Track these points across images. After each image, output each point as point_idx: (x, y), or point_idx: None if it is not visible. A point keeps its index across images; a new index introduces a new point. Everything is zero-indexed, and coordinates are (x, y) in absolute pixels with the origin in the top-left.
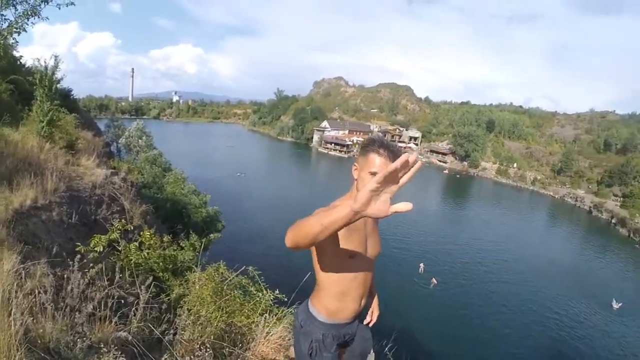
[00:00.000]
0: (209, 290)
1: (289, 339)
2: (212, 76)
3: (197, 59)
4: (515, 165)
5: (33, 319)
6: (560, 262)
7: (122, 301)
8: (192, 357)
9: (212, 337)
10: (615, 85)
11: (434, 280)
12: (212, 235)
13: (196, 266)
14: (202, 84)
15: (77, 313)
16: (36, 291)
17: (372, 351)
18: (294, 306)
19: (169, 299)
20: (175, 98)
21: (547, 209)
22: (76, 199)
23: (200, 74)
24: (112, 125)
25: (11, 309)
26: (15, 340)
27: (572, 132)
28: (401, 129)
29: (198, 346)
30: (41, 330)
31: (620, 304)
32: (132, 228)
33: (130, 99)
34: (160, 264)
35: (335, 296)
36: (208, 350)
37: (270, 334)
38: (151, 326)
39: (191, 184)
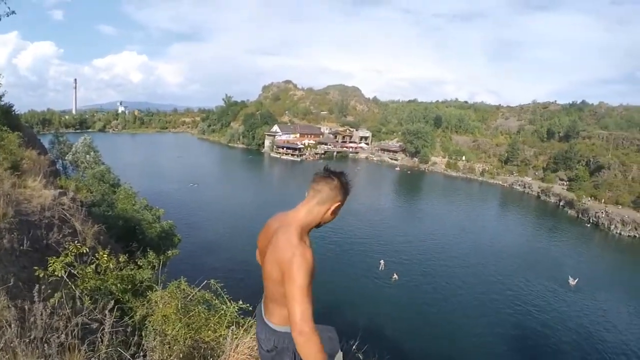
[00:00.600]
0: (172, 308)
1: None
2: (158, 84)
3: (142, 67)
4: (463, 158)
5: (4, 355)
6: (516, 247)
7: (87, 327)
8: None
9: (181, 355)
10: (555, 77)
11: (395, 275)
12: (169, 252)
13: (156, 284)
14: (148, 92)
15: (45, 345)
16: None
17: (339, 351)
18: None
19: (133, 321)
20: (120, 109)
21: (497, 198)
22: (26, 224)
23: (145, 82)
24: (56, 141)
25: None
26: None
27: (516, 124)
28: (351, 129)
29: None
30: None
31: (576, 280)
32: (87, 251)
33: (73, 111)
34: (119, 285)
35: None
36: None
37: (239, 346)
38: (120, 350)
39: (142, 198)
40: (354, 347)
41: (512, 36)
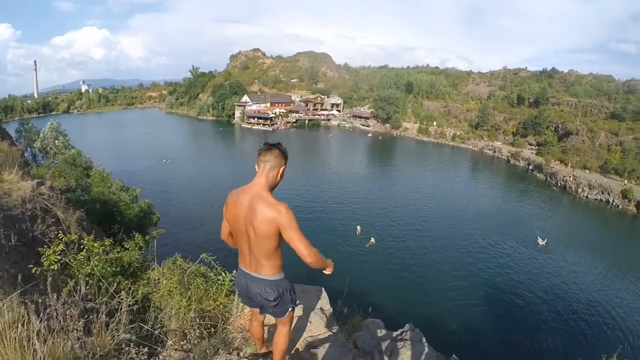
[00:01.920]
0: (174, 282)
1: None
2: (122, 59)
3: (103, 42)
4: (435, 123)
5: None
6: (486, 209)
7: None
8: (185, 341)
9: (190, 323)
10: (526, 45)
11: (372, 239)
12: (154, 231)
13: (144, 265)
14: (112, 69)
15: (74, 331)
16: (18, 322)
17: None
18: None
19: (135, 300)
20: (84, 88)
21: (468, 162)
22: (10, 219)
23: (108, 58)
24: (23, 129)
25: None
26: None
27: (486, 89)
28: (322, 96)
29: (187, 330)
30: (61, 352)
31: (545, 241)
32: (75, 239)
33: (35, 95)
34: (109, 269)
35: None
36: (197, 331)
37: (243, 309)
38: (141, 324)
39: (118, 180)
40: (339, 304)
41: (483, 1)
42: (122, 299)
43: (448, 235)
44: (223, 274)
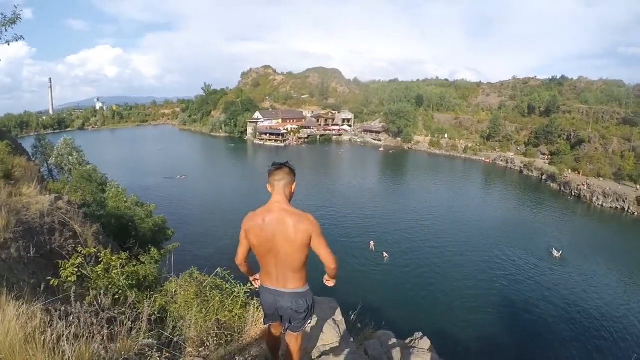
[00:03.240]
0: (191, 294)
1: None
2: (135, 77)
3: (117, 60)
4: (446, 135)
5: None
6: (501, 221)
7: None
8: (203, 347)
9: (206, 333)
10: (535, 53)
11: (385, 255)
12: (170, 245)
13: (159, 278)
14: (125, 86)
15: (98, 336)
16: (40, 329)
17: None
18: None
19: (153, 311)
20: (98, 105)
21: (481, 174)
22: (29, 232)
23: (121, 76)
24: (39, 145)
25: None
26: None
27: (497, 100)
28: (333, 112)
29: (205, 338)
30: (87, 354)
31: (560, 252)
32: (94, 252)
33: (50, 111)
34: (125, 282)
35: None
36: (214, 339)
37: (258, 320)
38: (161, 331)
39: (133, 195)
40: (352, 317)
41: (489, 11)
42: (142, 309)
43: (461, 250)
44: (238, 286)
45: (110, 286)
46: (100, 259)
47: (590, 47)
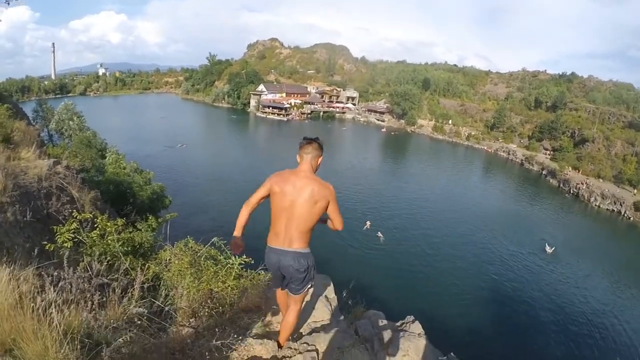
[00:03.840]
0: (185, 263)
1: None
2: (139, 44)
3: (121, 26)
4: (450, 122)
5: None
6: (497, 211)
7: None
8: (195, 318)
9: (198, 303)
10: (546, 48)
11: (380, 235)
12: (168, 215)
13: (153, 246)
14: (129, 53)
15: (89, 302)
16: (34, 293)
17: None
18: (261, 265)
19: (147, 278)
20: (101, 71)
21: (481, 163)
22: (26, 196)
23: (125, 43)
24: (40, 109)
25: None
26: (59, 334)
27: (504, 90)
28: (338, 89)
29: (196, 308)
30: (76, 322)
31: (553, 249)
32: (89, 217)
33: (53, 76)
34: (121, 248)
35: None
36: (205, 310)
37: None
38: (153, 300)
39: (132, 162)
40: (344, 294)
41: (501, 3)
42: (135, 276)
43: (456, 237)
44: (233, 257)
45: (105, 252)
46: (96, 225)
47: (601, 47)
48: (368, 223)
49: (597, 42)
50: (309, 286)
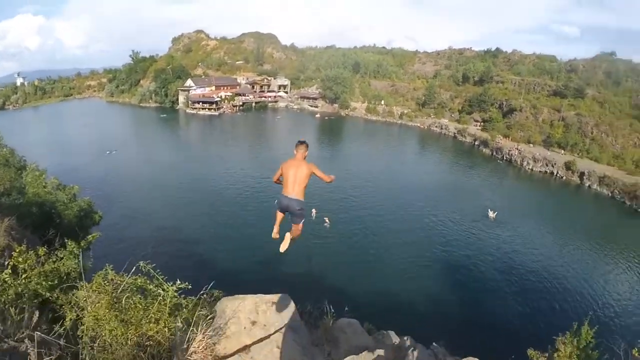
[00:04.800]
0: (104, 305)
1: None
2: (58, 48)
3: (39, 30)
4: (383, 102)
5: None
6: (437, 184)
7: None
8: None
9: (130, 354)
10: (471, 25)
11: (326, 220)
12: (89, 236)
13: (82, 274)
14: (48, 58)
15: None
16: None
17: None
18: (206, 288)
19: (64, 329)
20: (19, 81)
21: (416, 139)
22: None
23: (44, 47)
24: None
25: None
26: None
27: (432, 69)
28: (269, 78)
29: None
30: None
31: (495, 213)
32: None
33: None
34: (44, 283)
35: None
36: None
37: (190, 344)
38: None
39: (53, 178)
40: (308, 306)
41: None
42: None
43: (400, 213)
44: (165, 284)
45: (22, 293)
46: (6, 262)
47: (526, 22)
48: (314, 211)
49: (521, 18)
50: (302, 220)
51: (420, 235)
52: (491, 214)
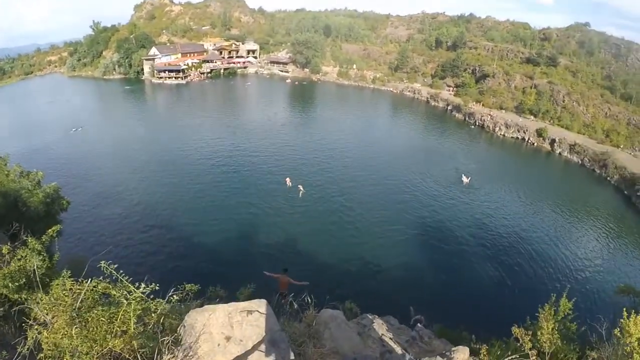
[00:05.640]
0: (62, 322)
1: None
2: (17, 23)
3: None
4: (355, 66)
5: None
6: (410, 150)
7: None
8: None
9: None
10: None
11: (300, 188)
12: (49, 230)
13: (50, 268)
14: (5, 37)
15: None
16: None
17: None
18: (172, 290)
19: (28, 348)
20: None
21: (389, 104)
22: None
23: (2, 24)
24: None
25: None
26: None
27: (405, 33)
28: (237, 43)
29: None
30: None
31: (469, 178)
32: None
33: None
34: (11, 285)
35: None
36: None
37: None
38: None
39: (16, 165)
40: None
41: None
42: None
43: (374, 179)
44: (132, 287)
45: None
46: None
47: None
48: (288, 180)
49: None
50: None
51: (394, 201)
52: (465, 179)
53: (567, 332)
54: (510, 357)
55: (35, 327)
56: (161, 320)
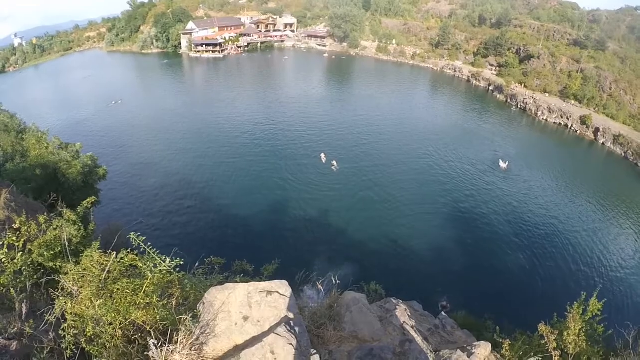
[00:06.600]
0: (86, 295)
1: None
2: (53, 2)
3: None
4: (394, 42)
5: None
6: (448, 130)
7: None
8: None
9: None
10: None
11: (334, 163)
12: (84, 202)
13: (84, 237)
14: (44, 15)
15: None
16: None
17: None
18: (197, 263)
19: (55, 317)
20: (17, 42)
21: (428, 81)
22: None
23: (38, 4)
24: None
25: None
26: None
27: (447, 8)
28: (274, 17)
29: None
30: None
31: (507, 163)
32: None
33: None
34: (46, 254)
35: None
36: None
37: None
38: None
39: (54, 137)
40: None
41: None
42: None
43: (410, 158)
44: (159, 259)
45: (22, 270)
46: (4, 236)
47: None
48: (323, 155)
49: None
50: None
51: (428, 182)
52: (502, 164)
53: (593, 334)
54: (532, 358)
55: (62, 298)
56: (185, 294)
